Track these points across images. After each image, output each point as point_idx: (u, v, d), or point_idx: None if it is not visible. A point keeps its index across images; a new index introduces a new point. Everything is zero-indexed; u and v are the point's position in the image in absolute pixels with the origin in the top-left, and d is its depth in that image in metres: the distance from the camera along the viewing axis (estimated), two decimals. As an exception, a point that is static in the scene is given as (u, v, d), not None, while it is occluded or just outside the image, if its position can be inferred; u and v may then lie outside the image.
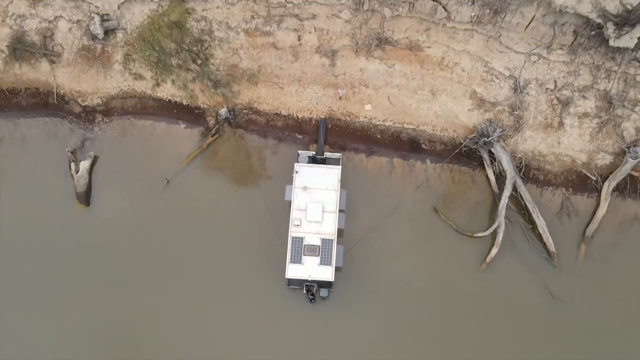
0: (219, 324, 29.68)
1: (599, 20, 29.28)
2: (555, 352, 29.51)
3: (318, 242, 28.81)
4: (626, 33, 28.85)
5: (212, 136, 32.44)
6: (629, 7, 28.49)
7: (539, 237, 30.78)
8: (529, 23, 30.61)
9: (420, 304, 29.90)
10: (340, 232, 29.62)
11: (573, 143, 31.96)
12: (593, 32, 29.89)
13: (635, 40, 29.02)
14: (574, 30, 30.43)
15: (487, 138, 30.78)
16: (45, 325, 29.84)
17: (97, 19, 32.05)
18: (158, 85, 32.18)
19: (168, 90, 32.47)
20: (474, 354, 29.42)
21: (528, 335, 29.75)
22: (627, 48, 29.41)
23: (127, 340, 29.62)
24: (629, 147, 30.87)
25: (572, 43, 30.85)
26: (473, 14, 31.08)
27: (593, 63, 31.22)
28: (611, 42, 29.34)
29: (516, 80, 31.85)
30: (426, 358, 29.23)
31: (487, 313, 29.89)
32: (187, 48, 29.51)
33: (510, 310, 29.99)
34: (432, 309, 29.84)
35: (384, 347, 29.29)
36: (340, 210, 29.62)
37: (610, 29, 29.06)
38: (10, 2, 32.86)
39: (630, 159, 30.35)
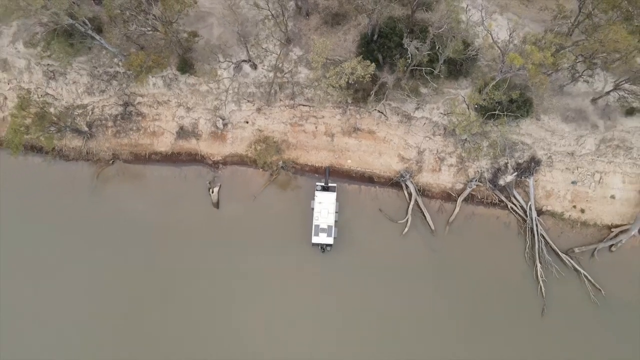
0: (279, 263, 65.28)
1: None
2: (431, 277, 65.54)
3: (326, 227, 64.41)
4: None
5: (274, 175, 67.94)
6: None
7: (427, 222, 66.70)
8: (424, 124, 65.94)
9: (372, 252, 65.65)
10: (336, 222, 65.36)
11: (445, 179, 67.55)
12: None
13: (467, 135, 64.33)
14: (444, 128, 65.82)
15: (404, 177, 66.40)
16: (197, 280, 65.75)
17: (219, 119, 67.23)
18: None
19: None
20: (397, 280, 65.55)
21: (419, 267, 65.75)
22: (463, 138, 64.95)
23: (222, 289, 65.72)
24: (469, 181, 66.60)
25: (444, 133, 66.22)
26: (398, 119, 66.37)
27: (454, 141, 66.59)
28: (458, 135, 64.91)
29: (419, 148, 67.17)
30: (373, 280, 65.48)
31: (403, 258, 65.78)
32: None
33: (413, 255, 65.77)
34: (378, 255, 65.63)
35: (353, 272, 65.11)
36: (335, 212, 65.37)
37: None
38: (177, 110, 67.88)
39: (468, 188, 66.16)
